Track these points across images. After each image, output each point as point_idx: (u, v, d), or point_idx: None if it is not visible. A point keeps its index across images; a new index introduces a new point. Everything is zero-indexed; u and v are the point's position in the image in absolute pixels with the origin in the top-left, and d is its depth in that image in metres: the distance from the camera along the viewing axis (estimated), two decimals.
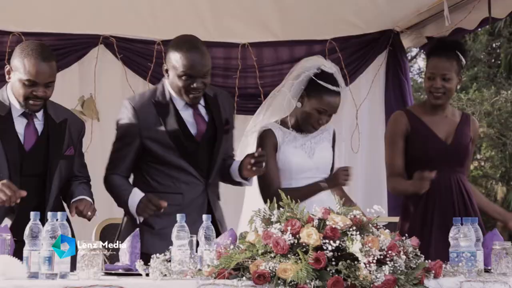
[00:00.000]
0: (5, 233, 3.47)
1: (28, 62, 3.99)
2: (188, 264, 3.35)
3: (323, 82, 4.55)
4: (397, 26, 6.46)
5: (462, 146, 4.83)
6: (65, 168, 4.16)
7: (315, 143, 4.69)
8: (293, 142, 4.63)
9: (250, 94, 6.29)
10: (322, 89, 4.56)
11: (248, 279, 3.26)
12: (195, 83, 4.24)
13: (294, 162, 4.60)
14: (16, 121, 4.10)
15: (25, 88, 4.02)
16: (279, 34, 6.35)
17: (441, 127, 4.83)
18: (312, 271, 3.24)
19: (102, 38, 6.05)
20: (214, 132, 4.39)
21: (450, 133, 4.83)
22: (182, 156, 4.30)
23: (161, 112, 4.33)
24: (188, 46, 4.29)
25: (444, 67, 4.74)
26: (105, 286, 3.10)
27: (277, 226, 3.37)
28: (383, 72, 6.51)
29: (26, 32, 5.90)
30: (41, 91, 4.02)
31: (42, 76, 4.01)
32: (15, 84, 4.06)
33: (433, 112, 4.83)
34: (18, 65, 4.03)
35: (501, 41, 10.90)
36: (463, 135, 4.85)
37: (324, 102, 4.56)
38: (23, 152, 4.07)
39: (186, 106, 4.37)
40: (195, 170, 4.32)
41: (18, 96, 4.06)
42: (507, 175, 10.04)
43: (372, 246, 3.32)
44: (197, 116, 4.38)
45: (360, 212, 3.47)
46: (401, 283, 3.33)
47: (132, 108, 4.35)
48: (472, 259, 3.68)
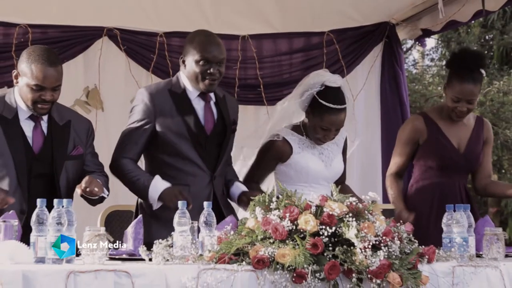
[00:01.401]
0: (12, 219, 3.48)
1: (35, 67, 3.98)
2: (190, 250, 3.36)
3: (325, 102, 4.46)
4: (392, 18, 6.46)
5: (474, 155, 4.88)
6: (72, 168, 4.14)
7: (332, 153, 4.66)
8: (311, 149, 4.61)
9: (250, 85, 6.29)
10: (324, 108, 4.47)
11: (248, 264, 3.27)
12: (212, 68, 4.28)
13: (312, 168, 4.58)
14: (24, 124, 4.10)
15: (33, 93, 4.01)
16: (278, 26, 6.34)
17: (455, 134, 4.86)
18: (309, 256, 3.25)
19: (106, 30, 6.05)
20: (223, 128, 4.41)
21: (463, 141, 4.86)
22: (193, 146, 4.31)
23: (176, 100, 4.34)
24: (205, 35, 4.37)
25: (472, 92, 4.75)
26: (110, 271, 3.10)
27: (276, 213, 3.39)
28: (379, 63, 6.51)
29: (32, 24, 5.89)
30: (49, 95, 4.02)
31: (49, 80, 4.01)
32: (23, 88, 4.05)
33: (450, 118, 4.85)
34: (25, 70, 4.02)
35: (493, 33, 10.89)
36: (476, 143, 4.90)
37: (326, 120, 4.48)
38: (32, 154, 4.07)
39: (198, 98, 4.38)
40: (202, 162, 4.33)
41: (26, 100, 4.06)
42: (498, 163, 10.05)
43: (367, 232, 3.33)
44: (207, 109, 4.40)
45: (356, 199, 3.48)
46: (395, 268, 3.34)
47: (148, 94, 4.35)
48: (464, 245, 3.69)
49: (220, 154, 4.40)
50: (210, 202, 3.56)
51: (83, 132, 4.27)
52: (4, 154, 4.03)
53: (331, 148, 4.67)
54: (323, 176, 4.56)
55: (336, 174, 4.69)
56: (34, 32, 5.89)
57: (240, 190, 4.39)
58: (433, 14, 6.12)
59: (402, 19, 6.45)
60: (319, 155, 4.62)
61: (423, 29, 6.44)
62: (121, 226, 4.62)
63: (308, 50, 6.43)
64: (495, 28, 10.77)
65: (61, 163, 4.11)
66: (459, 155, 4.84)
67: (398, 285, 3.32)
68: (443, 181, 4.84)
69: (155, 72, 6.12)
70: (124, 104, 6.03)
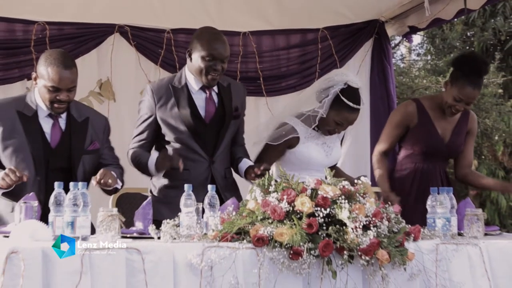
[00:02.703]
0: (32, 201, 3.49)
1: (52, 70, 3.99)
2: (195, 229, 3.37)
3: (346, 100, 4.46)
4: (382, 16, 6.45)
5: (456, 145, 4.90)
6: (89, 162, 4.15)
7: (332, 143, 4.68)
8: (316, 139, 4.61)
9: (250, 77, 6.29)
10: (344, 105, 4.48)
11: (249, 242, 3.28)
12: (216, 65, 4.28)
13: (314, 157, 4.59)
14: (43, 121, 4.11)
15: (50, 93, 4.02)
16: (276, 23, 6.33)
17: (442, 124, 4.86)
18: (305, 235, 3.25)
19: (117, 27, 6.04)
20: (223, 116, 4.41)
21: (448, 132, 4.87)
22: (191, 135, 4.33)
23: (176, 95, 4.36)
24: (213, 33, 4.37)
25: (475, 97, 4.77)
26: (122, 248, 3.11)
27: (274, 195, 3.39)
28: (369, 58, 6.51)
29: (49, 21, 5.88)
30: (64, 95, 4.03)
31: (65, 82, 4.01)
32: (41, 89, 4.06)
33: (440, 109, 4.84)
34: (43, 73, 4.03)
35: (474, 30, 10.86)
36: (459, 133, 4.90)
37: (343, 116, 4.51)
38: (49, 149, 4.08)
39: (199, 91, 4.39)
40: (201, 149, 4.34)
41: (44, 100, 4.07)
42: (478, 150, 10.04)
43: (358, 213, 3.34)
44: (208, 100, 4.40)
45: (348, 183, 3.48)
46: (384, 246, 3.35)
47: (151, 90, 4.40)
48: (447, 224, 3.70)
49: (219, 141, 4.40)
50: (214, 186, 3.57)
51: (100, 128, 4.28)
52: (24, 149, 4.04)
53: (332, 138, 4.68)
54: (323, 164, 4.56)
55: (335, 161, 4.72)
56: (52, 29, 5.88)
57: (247, 165, 4.40)
58: (419, 12, 6.12)
59: (391, 17, 6.44)
60: (321, 145, 4.63)
61: (410, 26, 6.43)
62: (131, 207, 4.62)
63: (304, 46, 6.42)
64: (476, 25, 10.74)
65: (78, 157, 4.12)
66: (442, 144, 4.85)
67: (386, 262, 3.34)
68: (425, 165, 4.86)
69: (162, 65, 6.11)
70: (134, 95, 6.04)
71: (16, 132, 4.05)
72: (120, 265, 3.06)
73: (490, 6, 10.29)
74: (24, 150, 4.03)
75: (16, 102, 4.16)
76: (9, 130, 4.05)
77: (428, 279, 3.49)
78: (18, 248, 2.95)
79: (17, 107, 4.11)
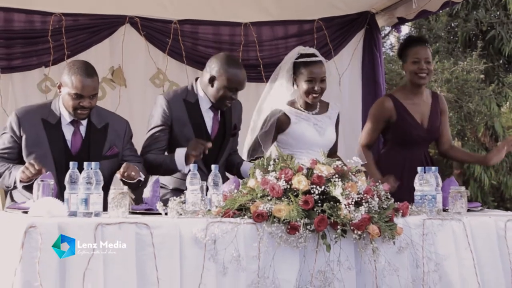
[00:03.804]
0: (49, 179, 3.47)
1: (75, 78, 3.98)
2: (200, 205, 3.36)
3: (303, 59, 4.55)
4: (373, 8, 6.40)
5: (435, 127, 4.88)
6: (107, 166, 4.03)
7: (325, 125, 4.66)
8: (307, 120, 4.61)
9: (252, 65, 6.24)
10: (305, 64, 4.55)
11: (249, 218, 3.27)
12: (234, 95, 4.31)
13: (308, 136, 4.58)
14: (65, 128, 4.08)
15: (73, 100, 4.00)
16: (275, 14, 6.29)
17: (419, 111, 4.84)
18: (301, 211, 3.25)
19: (128, 18, 5.99)
20: (223, 133, 4.43)
21: (425, 117, 4.85)
22: None
23: (189, 109, 4.33)
24: (238, 65, 4.35)
25: (426, 53, 4.81)
26: (131, 223, 3.10)
27: (273, 174, 3.38)
28: (361, 47, 6.46)
29: (65, 13, 5.83)
30: (87, 102, 4.01)
31: (87, 89, 3.99)
32: (65, 97, 4.03)
33: (413, 96, 4.85)
34: (67, 81, 4.01)
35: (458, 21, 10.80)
36: (436, 116, 4.88)
37: (309, 71, 4.54)
38: (70, 155, 4.03)
39: (208, 109, 4.39)
40: (203, 163, 4.28)
41: (68, 107, 4.04)
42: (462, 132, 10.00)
43: (351, 191, 3.33)
44: (214, 118, 4.41)
45: (341, 163, 3.46)
46: (375, 221, 3.34)
47: (166, 101, 4.35)
48: (433, 201, 3.69)
49: (219, 156, 4.42)
50: (217, 165, 3.55)
51: (121, 132, 4.22)
52: (47, 156, 4.01)
53: (324, 120, 4.68)
54: (317, 143, 4.55)
55: (329, 142, 4.68)
56: (67, 19, 5.84)
57: (249, 166, 4.36)
58: (407, 4, 6.07)
59: (381, 8, 6.39)
60: (313, 125, 4.62)
61: (399, 18, 6.38)
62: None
63: (301, 35, 6.37)
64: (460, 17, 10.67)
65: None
66: (423, 130, 4.82)
67: (377, 235, 3.33)
68: (409, 153, 4.81)
69: (170, 54, 6.07)
70: (144, 81, 6.02)
71: (39, 139, 4.03)
72: (130, 239, 3.05)
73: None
74: (46, 157, 4.01)
75: (41, 109, 4.13)
76: (33, 137, 4.03)
77: (415, 252, 3.49)
78: (36, 223, 2.95)
79: (42, 115, 4.09)
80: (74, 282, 2.93)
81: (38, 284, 2.86)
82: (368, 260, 3.34)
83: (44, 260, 2.90)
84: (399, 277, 3.41)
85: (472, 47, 10.39)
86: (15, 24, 5.74)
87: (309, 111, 4.65)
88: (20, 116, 4.08)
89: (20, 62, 5.75)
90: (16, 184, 3.86)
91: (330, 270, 3.26)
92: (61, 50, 5.78)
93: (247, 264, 3.19)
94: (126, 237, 3.05)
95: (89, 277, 2.94)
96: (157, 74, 6.05)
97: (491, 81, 10.37)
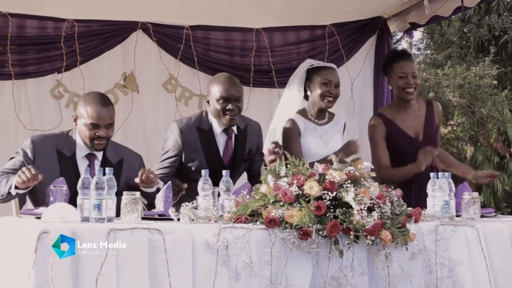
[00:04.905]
0: (61, 185, 3.48)
1: (91, 108, 3.95)
2: (212, 211, 3.35)
3: (316, 64, 4.66)
4: (384, 13, 6.40)
5: (431, 138, 4.78)
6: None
7: (330, 135, 4.68)
8: (313, 132, 4.63)
9: (263, 70, 6.26)
10: (318, 69, 4.63)
11: (261, 223, 3.27)
12: (230, 105, 4.31)
13: (312, 150, 4.60)
14: (79, 162, 4.02)
15: (89, 131, 3.97)
16: (287, 20, 6.30)
17: (411, 125, 4.76)
18: (314, 216, 3.24)
19: (140, 24, 6.01)
20: (235, 158, 4.45)
21: (419, 129, 4.75)
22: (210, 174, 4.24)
23: (202, 136, 4.38)
24: (225, 77, 4.41)
25: (412, 67, 4.76)
26: (144, 229, 3.10)
27: (285, 180, 3.37)
28: (373, 52, 6.46)
29: (78, 19, 5.86)
30: (103, 131, 3.97)
31: (103, 119, 3.96)
32: (81, 128, 4.00)
33: (403, 111, 4.77)
34: (82, 112, 3.98)
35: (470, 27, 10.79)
36: (431, 127, 4.79)
37: (324, 75, 4.60)
38: None
39: (222, 133, 4.43)
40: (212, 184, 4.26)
41: (84, 138, 4.00)
42: (474, 138, 9.98)
43: (363, 196, 3.32)
44: (228, 143, 4.44)
45: (353, 168, 3.46)
46: (387, 227, 3.32)
47: (179, 130, 4.40)
48: (446, 207, 3.67)
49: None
50: (228, 171, 3.55)
51: (136, 167, 4.10)
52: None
53: (329, 130, 4.69)
54: (321, 154, 4.55)
55: (332, 151, 4.66)
56: (80, 26, 5.86)
57: None
58: (419, 9, 6.07)
59: (393, 14, 6.39)
60: (319, 136, 4.64)
61: (411, 23, 6.38)
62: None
63: (313, 41, 6.38)
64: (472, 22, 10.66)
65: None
66: (418, 143, 4.69)
67: (390, 241, 3.32)
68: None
69: (182, 59, 6.09)
70: (156, 87, 6.04)
71: (52, 170, 3.90)
72: (142, 245, 3.05)
73: (485, 4, 10.21)
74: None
75: (57, 139, 4.06)
76: (43, 165, 3.88)
77: (428, 258, 3.48)
78: (49, 228, 2.96)
79: (58, 145, 4.02)
80: (87, 287, 2.93)
81: None
82: (381, 266, 3.33)
83: (57, 266, 2.90)
84: (412, 283, 3.39)
85: (485, 53, 10.37)
86: (28, 30, 5.77)
87: (318, 120, 4.66)
88: (36, 143, 4.01)
89: (33, 68, 5.78)
90: (11, 190, 3.73)
91: (343, 276, 3.26)
92: (74, 56, 5.81)
93: (259, 270, 3.19)
94: (139, 243, 3.05)
95: (102, 282, 2.94)
96: (169, 80, 6.07)
97: (503, 87, 10.34)
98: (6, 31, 5.66)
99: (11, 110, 5.68)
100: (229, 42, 6.22)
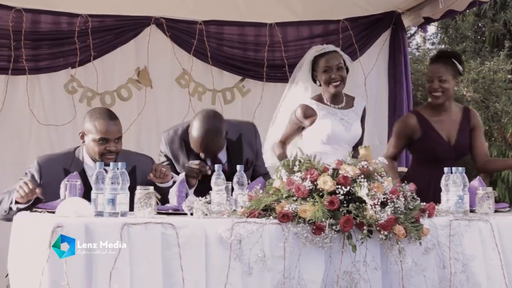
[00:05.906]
0: (75, 179, 3.50)
1: (98, 123, 3.91)
2: (225, 206, 3.36)
3: (315, 52, 4.71)
4: (398, 8, 6.37)
5: (462, 145, 4.79)
6: None
7: (351, 119, 4.69)
8: (333, 115, 4.64)
9: (277, 65, 6.25)
10: (320, 56, 4.69)
11: (274, 218, 3.27)
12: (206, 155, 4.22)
13: (333, 130, 4.60)
14: (91, 179, 3.80)
15: (99, 146, 3.92)
16: (300, 15, 6.29)
17: (445, 128, 4.77)
18: (327, 211, 3.24)
19: (153, 19, 6.02)
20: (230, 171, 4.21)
21: (453, 134, 4.77)
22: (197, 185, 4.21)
23: (187, 148, 4.28)
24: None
25: (440, 70, 4.75)
26: (157, 223, 3.11)
27: (298, 175, 3.37)
28: (387, 47, 6.44)
29: (91, 14, 5.87)
30: (113, 145, 3.93)
31: (112, 133, 3.93)
32: (90, 144, 3.95)
33: (439, 113, 4.79)
34: (90, 128, 3.94)
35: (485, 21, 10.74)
36: (464, 134, 4.79)
37: (323, 61, 4.66)
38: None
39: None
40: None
41: (94, 154, 3.96)
42: (489, 132, 9.94)
43: (377, 191, 3.32)
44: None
45: (366, 163, 3.45)
46: (401, 221, 3.32)
47: (165, 141, 4.38)
48: (460, 202, 3.66)
49: None
50: (242, 166, 3.55)
51: (149, 170, 4.03)
52: None
53: (350, 115, 4.71)
54: (344, 138, 4.59)
55: (355, 137, 4.71)
56: (93, 21, 5.88)
57: None
58: (433, 4, 6.04)
59: (407, 8, 6.36)
60: (340, 120, 4.65)
61: (425, 17, 6.35)
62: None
63: (326, 36, 6.36)
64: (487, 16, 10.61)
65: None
66: (449, 146, 4.73)
67: (403, 236, 3.31)
68: (437, 170, 4.63)
69: (195, 54, 6.09)
70: (169, 82, 6.05)
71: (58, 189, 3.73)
72: (156, 239, 3.06)
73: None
74: None
75: (64, 158, 4.02)
76: (50, 185, 3.85)
77: (442, 253, 3.47)
78: (62, 223, 2.97)
79: (65, 164, 3.98)
80: (101, 282, 2.94)
81: (65, 283, 2.88)
82: (394, 260, 3.33)
83: (71, 260, 2.92)
84: (425, 277, 3.39)
85: (500, 47, 10.33)
86: (42, 25, 5.80)
87: (335, 105, 4.68)
88: (42, 164, 3.98)
89: (47, 63, 5.80)
90: (11, 205, 3.71)
91: (356, 271, 3.26)
92: (87, 51, 5.82)
93: (272, 265, 3.19)
94: (152, 237, 3.06)
95: (116, 276, 2.95)
96: (183, 75, 6.07)
97: None
98: (20, 26, 5.68)
99: (25, 105, 5.70)
100: (243, 37, 6.22)
